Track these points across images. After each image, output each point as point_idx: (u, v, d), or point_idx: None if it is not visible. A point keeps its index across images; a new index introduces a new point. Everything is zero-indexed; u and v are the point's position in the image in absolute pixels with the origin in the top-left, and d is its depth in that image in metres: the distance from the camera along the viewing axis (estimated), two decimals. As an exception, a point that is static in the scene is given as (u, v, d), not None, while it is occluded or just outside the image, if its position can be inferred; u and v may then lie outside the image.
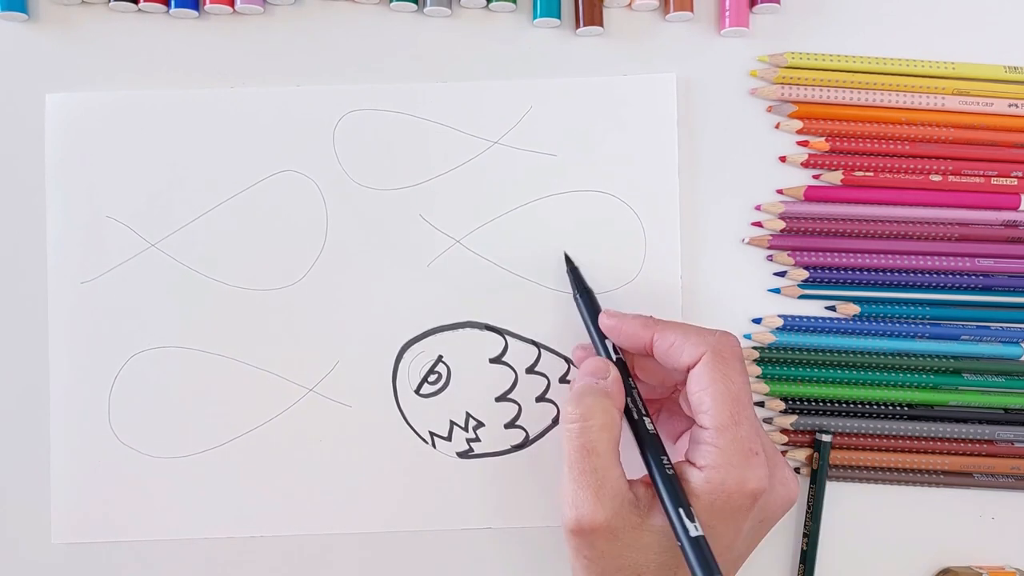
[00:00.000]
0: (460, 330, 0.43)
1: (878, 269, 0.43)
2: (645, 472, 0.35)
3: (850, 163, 0.43)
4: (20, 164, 0.43)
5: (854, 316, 0.44)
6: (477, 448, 0.43)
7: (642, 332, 0.37)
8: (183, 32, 0.44)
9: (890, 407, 0.44)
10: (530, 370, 0.43)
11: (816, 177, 0.44)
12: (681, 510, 0.33)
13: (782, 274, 0.44)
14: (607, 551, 0.34)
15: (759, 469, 0.34)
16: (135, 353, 0.43)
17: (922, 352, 0.44)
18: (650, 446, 0.36)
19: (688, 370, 0.36)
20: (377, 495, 0.43)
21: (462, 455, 0.43)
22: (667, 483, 0.34)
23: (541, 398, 0.43)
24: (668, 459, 0.35)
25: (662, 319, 0.38)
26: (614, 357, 0.39)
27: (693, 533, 0.33)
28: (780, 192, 0.44)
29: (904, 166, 0.44)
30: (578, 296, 0.41)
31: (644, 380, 0.40)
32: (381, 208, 0.43)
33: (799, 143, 0.44)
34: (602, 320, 0.39)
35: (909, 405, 0.44)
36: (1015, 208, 0.44)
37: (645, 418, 0.36)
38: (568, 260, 0.43)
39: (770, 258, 0.44)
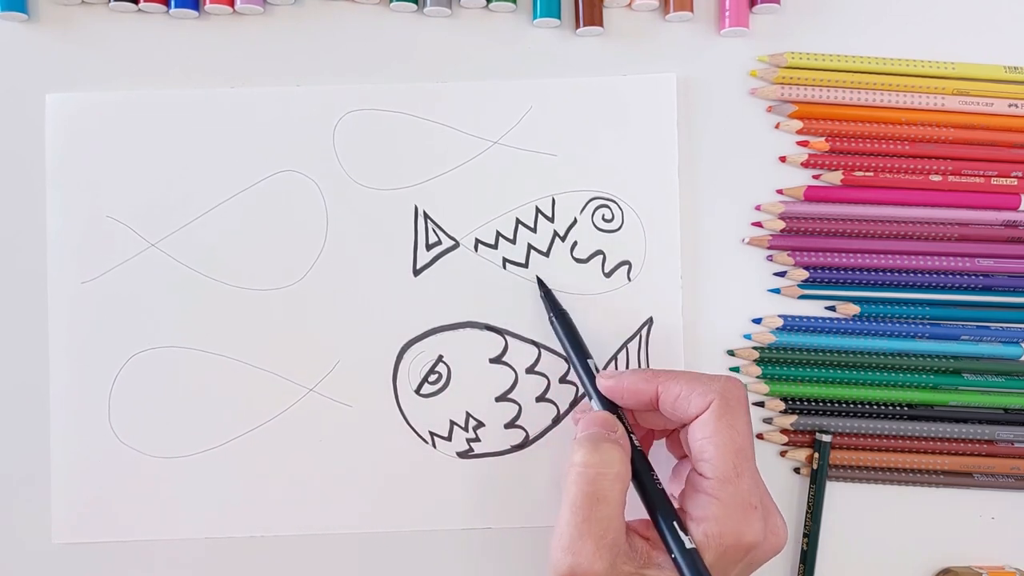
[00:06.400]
0: (460, 330, 0.43)
1: (878, 269, 0.43)
2: (635, 519, 0.35)
3: (850, 163, 0.43)
4: (20, 164, 0.43)
5: (854, 316, 0.44)
6: (477, 448, 0.43)
7: (644, 387, 0.36)
8: (183, 32, 0.44)
9: (890, 407, 0.44)
10: (530, 370, 0.43)
11: (816, 177, 0.44)
12: (675, 523, 0.34)
13: (782, 274, 0.44)
14: None
15: (756, 523, 0.33)
16: (135, 353, 0.43)
17: (922, 352, 0.44)
18: (649, 483, 0.36)
19: (694, 419, 0.35)
20: (377, 495, 0.43)
21: (462, 455, 0.43)
22: (659, 497, 0.35)
23: (541, 398, 0.43)
24: (659, 479, 0.36)
25: (661, 370, 0.37)
26: (598, 407, 0.38)
27: (688, 545, 0.33)
28: (780, 192, 0.44)
29: (904, 166, 0.44)
30: (554, 320, 0.41)
31: (643, 426, 0.39)
32: (381, 208, 0.43)
33: (799, 143, 0.44)
34: (600, 382, 0.38)
35: (909, 405, 0.44)
36: (1015, 208, 0.44)
37: (652, 474, 0.36)
38: (541, 284, 0.42)
39: (770, 258, 0.44)
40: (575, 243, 0.43)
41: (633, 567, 0.33)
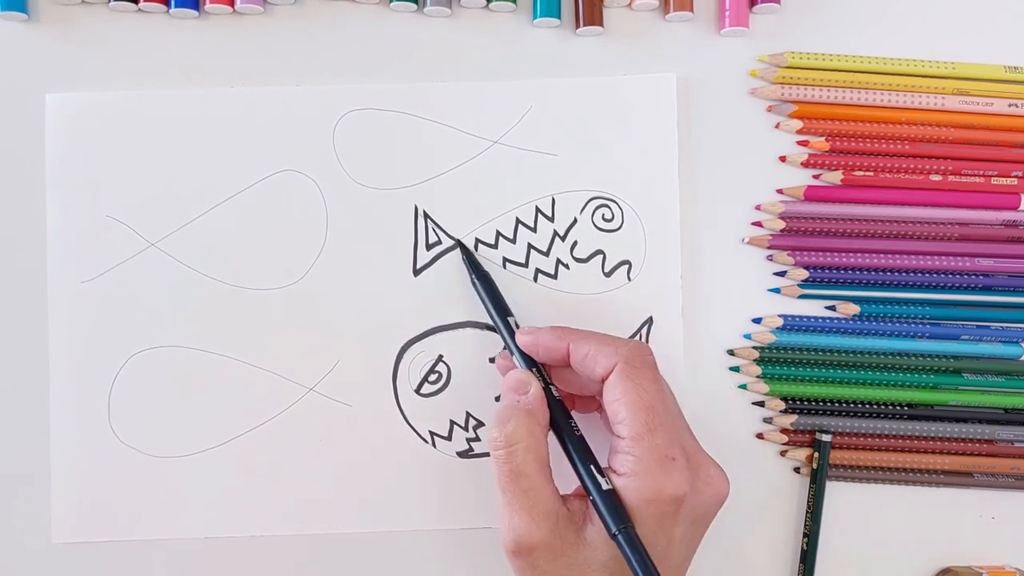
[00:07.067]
0: (460, 330, 0.43)
1: (878, 269, 0.44)
2: (577, 484, 0.36)
3: (850, 163, 0.43)
4: (20, 164, 0.43)
5: (854, 316, 0.44)
6: (477, 448, 0.43)
7: (557, 344, 0.38)
8: (183, 32, 0.44)
9: (890, 407, 0.44)
10: (530, 370, 0.43)
11: (816, 177, 0.44)
12: (592, 466, 0.35)
13: (782, 274, 0.44)
14: (548, 570, 0.34)
15: (676, 474, 0.34)
16: (135, 353, 0.43)
17: (922, 352, 0.44)
18: (566, 425, 0.37)
19: (602, 381, 0.36)
20: (377, 495, 0.43)
21: (462, 455, 0.43)
22: (576, 442, 0.36)
23: (541, 398, 0.43)
24: (577, 426, 0.37)
25: (577, 329, 0.38)
26: (523, 364, 0.39)
27: (605, 487, 0.34)
28: (780, 192, 0.44)
29: (904, 166, 0.44)
30: (476, 281, 0.41)
31: (564, 388, 0.39)
32: (381, 208, 0.43)
33: (799, 143, 0.44)
34: (519, 338, 0.39)
35: (909, 405, 0.44)
36: (1015, 208, 0.44)
37: (571, 422, 0.37)
38: (462, 247, 0.43)
39: (770, 258, 0.44)
40: (575, 243, 0.43)
41: (574, 531, 0.34)
